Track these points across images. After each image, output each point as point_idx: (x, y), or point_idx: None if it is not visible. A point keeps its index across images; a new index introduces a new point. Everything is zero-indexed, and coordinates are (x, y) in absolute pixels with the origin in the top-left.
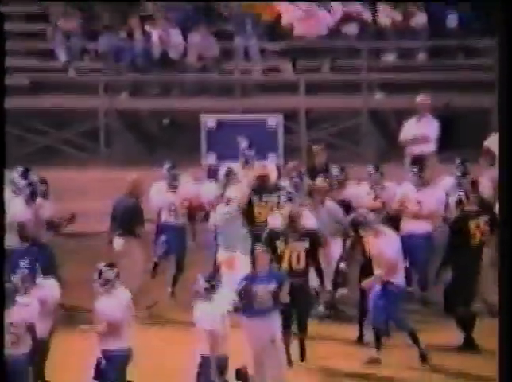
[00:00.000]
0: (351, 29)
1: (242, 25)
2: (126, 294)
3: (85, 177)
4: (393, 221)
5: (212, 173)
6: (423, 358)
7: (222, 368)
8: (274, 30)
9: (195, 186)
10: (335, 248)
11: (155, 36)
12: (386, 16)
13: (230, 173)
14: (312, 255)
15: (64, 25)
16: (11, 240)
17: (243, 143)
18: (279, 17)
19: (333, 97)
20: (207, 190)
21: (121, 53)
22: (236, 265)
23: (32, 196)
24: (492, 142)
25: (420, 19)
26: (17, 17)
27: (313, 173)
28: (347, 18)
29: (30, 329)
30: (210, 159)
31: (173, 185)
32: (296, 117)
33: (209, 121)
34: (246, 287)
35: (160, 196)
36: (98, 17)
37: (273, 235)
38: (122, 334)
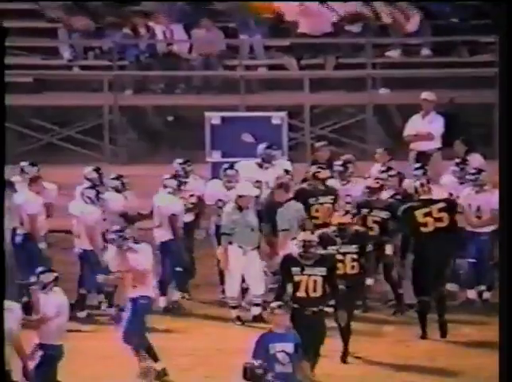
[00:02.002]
0: (355, 27)
1: (246, 22)
2: None
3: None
4: None
5: (217, 170)
6: None
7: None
8: (278, 27)
9: (201, 183)
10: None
11: (159, 32)
12: (388, 15)
13: (228, 171)
14: (329, 281)
15: (68, 23)
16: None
17: (261, 143)
18: (282, 14)
19: (337, 93)
20: (212, 187)
21: (125, 50)
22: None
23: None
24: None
25: (415, 20)
26: (21, 15)
27: None
28: (350, 18)
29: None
30: (215, 156)
31: (183, 181)
32: (301, 114)
33: (214, 118)
34: (262, 346)
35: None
36: (102, 14)
37: (290, 262)
38: None
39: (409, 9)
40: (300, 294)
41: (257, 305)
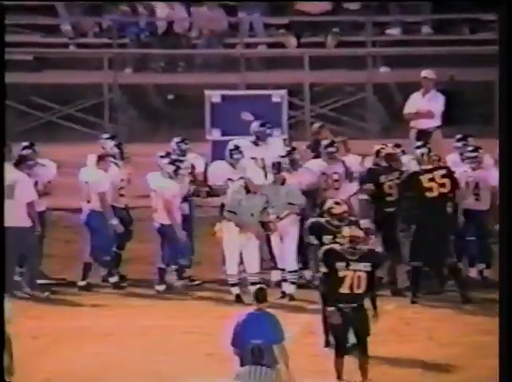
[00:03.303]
0: (356, 5)
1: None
2: None
3: (89, 153)
4: None
5: (217, 149)
6: None
7: None
8: (278, 5)
9: (201, 161)
10: (290, 229)
11: (160, 10)
12: None
13: (236, 151)
14: (371, 277)
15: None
16: None
17: (255, 121)
18: None
19: (337, 72)
20: (217, 168)
21: (125, 28)
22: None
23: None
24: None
25: None
26: None
27: (317, 149)
28: None
29: None
30: (214, 134)
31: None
32: (301, 92)
33: (214, 96)
34: None
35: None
36: None
37: (333, 256)
38: None
39: None
40: (344, 290)
41: (254, 283)
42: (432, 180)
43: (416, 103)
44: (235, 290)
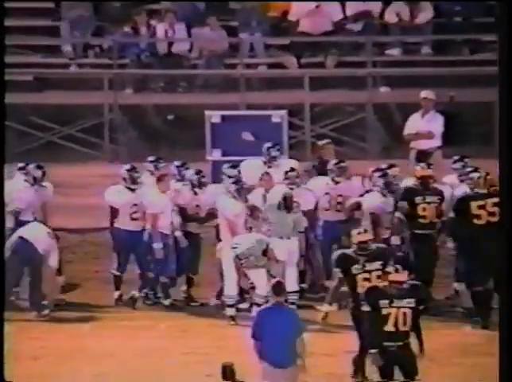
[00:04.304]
0: (357, 26)
1: (247, 20)
2: None
3: (89, 173)
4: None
5: (217, 169)
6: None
7: None
8: (279, 25)
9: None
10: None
11: (160, 31)
12: (394, 13)
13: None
14: (416, 313)
15: (70, 20)
16: None
17: (266, 143)
18: (285, 13)
19: (338, 92)
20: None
21: (126, 49)
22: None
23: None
24: None
25: (426, 15)
26: (22, 13)
27: (322, 169)
28: (354, 17)
29: None
30: (215, 155)
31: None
32: (301, 112)
33: (214, 116)
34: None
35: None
36: (104, 12)
37: (377, 294)
38: None
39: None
40: (389, 328)
41: (258, 305)
42: (482, 207)
43: (415, 123)
44: (230, 312)
